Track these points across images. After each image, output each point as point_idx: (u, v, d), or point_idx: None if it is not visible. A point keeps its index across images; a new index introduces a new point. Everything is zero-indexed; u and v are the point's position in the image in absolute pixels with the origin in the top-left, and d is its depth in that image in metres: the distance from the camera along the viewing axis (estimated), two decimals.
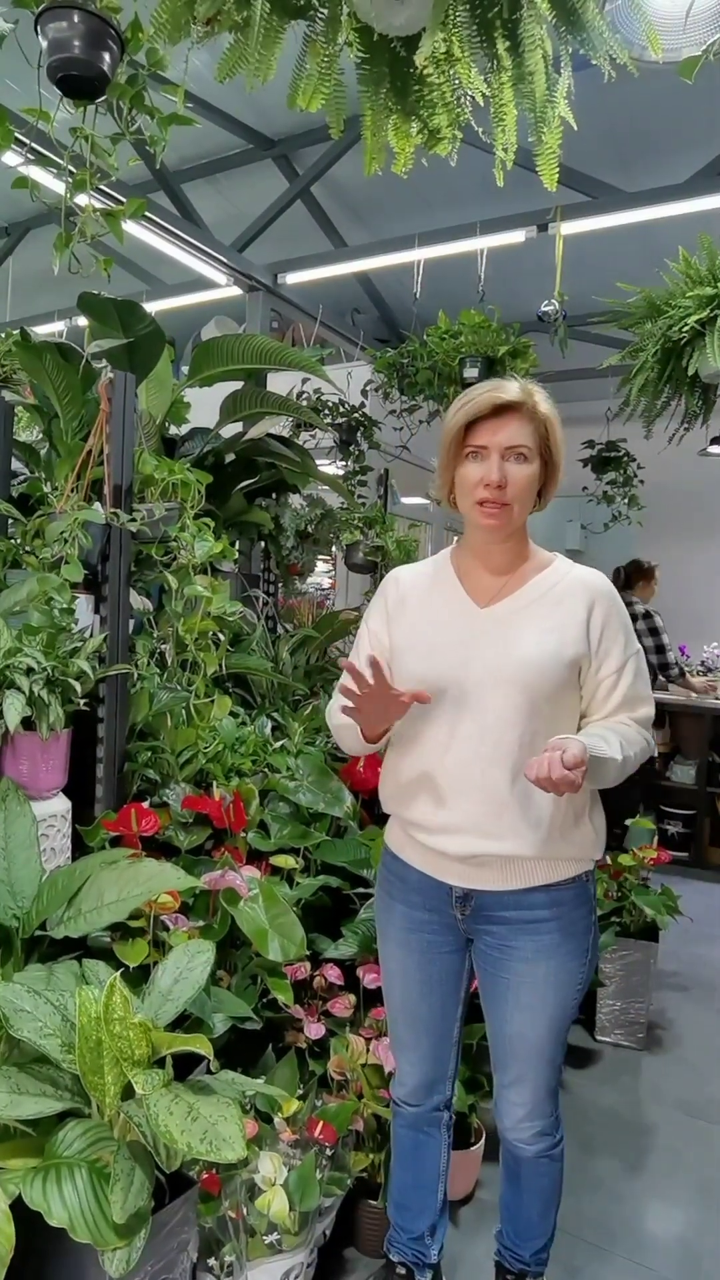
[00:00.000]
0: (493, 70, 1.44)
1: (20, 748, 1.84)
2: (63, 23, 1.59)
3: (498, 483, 1.39)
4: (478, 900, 1.48)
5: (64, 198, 1.90)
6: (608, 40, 1.36)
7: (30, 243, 5.23)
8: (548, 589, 1.47)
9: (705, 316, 2.57)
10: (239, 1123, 1.25)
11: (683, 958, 3.66)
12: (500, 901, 1.47)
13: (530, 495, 1.44)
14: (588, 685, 1.46)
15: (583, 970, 1.50)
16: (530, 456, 1.42)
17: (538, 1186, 1.63)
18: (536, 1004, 1.48)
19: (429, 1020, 1.61)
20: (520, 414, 1.41)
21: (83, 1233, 1.17)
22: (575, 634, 1.42)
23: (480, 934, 1.52)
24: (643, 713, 1.48)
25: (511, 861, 1.44)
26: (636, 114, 3.69)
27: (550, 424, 1.44)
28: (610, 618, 1.45)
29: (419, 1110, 1.68)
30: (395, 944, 1.61)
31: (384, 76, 1.49)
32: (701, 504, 6.33)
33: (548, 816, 1.41)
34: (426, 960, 1.57)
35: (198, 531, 2.38)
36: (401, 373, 3.61)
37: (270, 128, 4.22)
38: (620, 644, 1.45)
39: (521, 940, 1.47)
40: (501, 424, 1.40)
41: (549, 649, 1.41)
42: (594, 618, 1.44)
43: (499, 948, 1.49)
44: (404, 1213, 1.72)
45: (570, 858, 1.46)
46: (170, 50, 1.62)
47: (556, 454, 1.46)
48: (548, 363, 3.97)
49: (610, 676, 1.44)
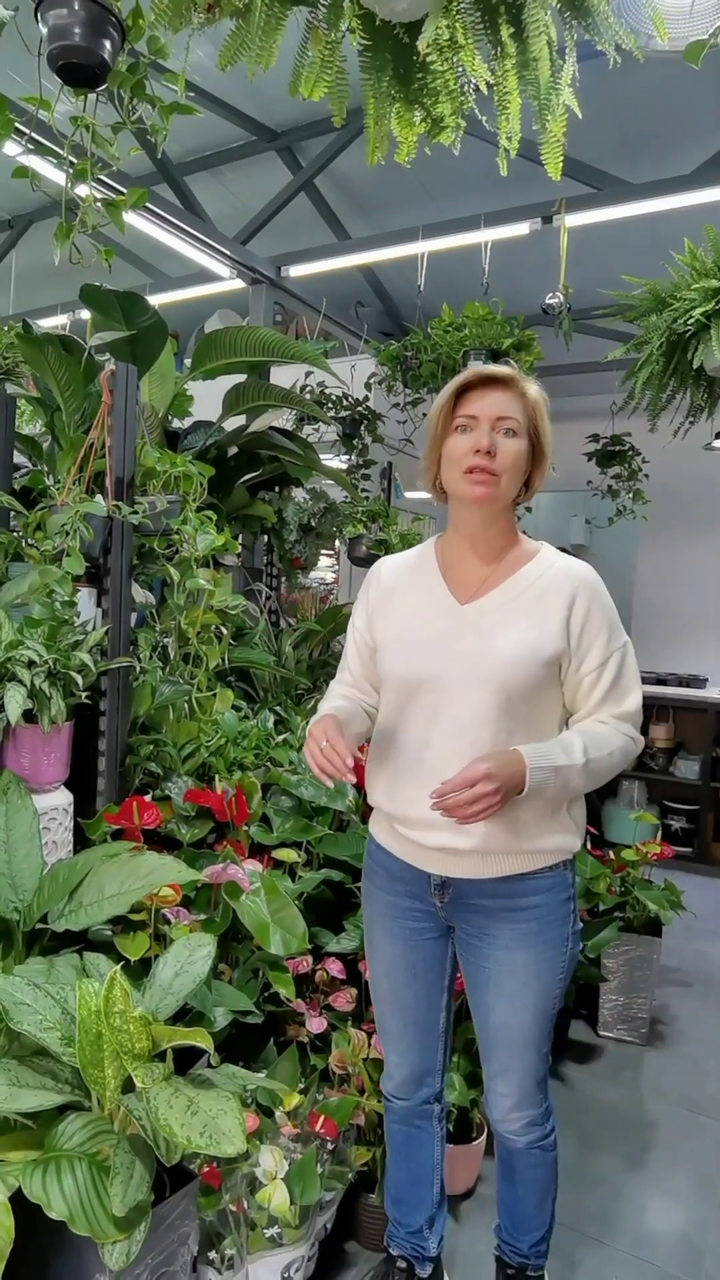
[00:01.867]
0: (497, 57, 1.43)
1: (22, 741, 1.84)
2: (63, 10, 1.57)
3: (487, 448, 1.36)
4: (456, 888, 1.49)
5: (65, 188, 1.89)
6: (613, 26, 1.35)
7: (33, 235, 5.22)
8: (530, 583, 1.44)
9: (711, 309, 2.55)
10: (239, 1117, 1.24)
11: (686, 953, 3.66)
12: (477, 889, 1.48)
13: (518, 472, 1.41)
14: (569, 682, 1.44)
15: (563, 959, 1.50)
16: (519, 432, 1.40)
17: (531, 1178, 1.63)
18: (517, 992, 1.48)
19: (414, 1009, 1.61)
20: (510, 389, 1.40)
21: (82, 1226, 1.17)
22: (554, 631, 1.40)
23: (460, 921, 1.53)
24: (628, 708, 1.44)
25: (486, 855, 1.45)
26: (642, 105, 3.66)
27: (538, 407, 1.42)
28: (592, 612, 1.41)
29: (409, 1104, 1.67)
30: (380, 932, 1.61)
31: (387, 64, 1.47)
32: (707, 498, 6.30)
33: (522, 813, 1.42)
34: (410, 947, 1.58)
35: (200, 525, 2.37)
36: (405, 366, 3.59)
37: (273, 119, 4.20)
38: (603, 639, 1.42)
39: (499, 928, 1.48)
40: (491, 394, 1.39)
41: (526, 647, 1.39)
42: (575, 613, 1.41)
43: (478, 935, 1.50)
44: (401, 1207, 1.72)
45: (544, 850, 1.45)
46: (171, 38, 1.61)
47: (544, 441, 1.43)
48: (552, 356, 3.96)
49: (592, 673, 1.42)
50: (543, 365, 3.59)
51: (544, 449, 1.44)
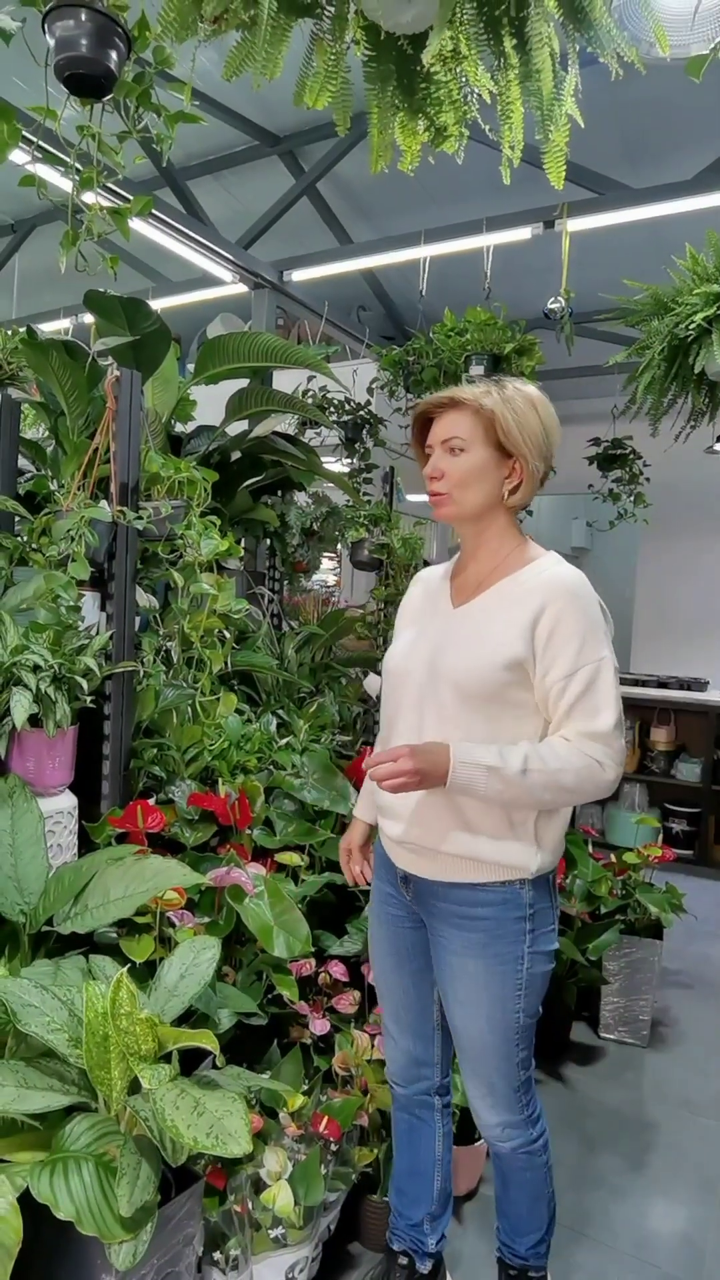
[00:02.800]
0: (500, 68, 1.44)
1: (27, 745, 1.85)
2: (70, 21, 1.59)
3: (430, 474, 1.48)
4: (415, 885, 1.55)
5: (71, 195, 1.90)
6: (615, 37, 1.36)
7: (36, 240, 5.23)
8: (513, 589, 1.46)
9: (712, 314, 2.56)
10: (244, 1117, 1.25)
11: (687, 955, 3.66)
12: (431, 890, 1.52)
13: (473, 484, 1.45)
14: (538, 690, 1.42)
15: (518, 977, 1.46)
16: (467, 447, 1.45)
17: (520, 1181, 1.63)
18: (469, 1000, 1.50)
19: (402, 994, 1.66)
20: (456, 409, 1.46)
21: (89, 1226, 1.18)
22: (516, 636, 1.39)
23: (425, 919, 1.58)
24: (597, 726, 1.37)
25: (437, 855, 1.48)
26: (643, 111, 3.67)
27: (498, 414, 1.42)
28: (562, 620, 1.38)
29: (408, 1092, 1.72)
30: (374, 916, 1.70)
31: (391, 74, 1.49)
32: (708, 501, 6.31)
33: (477, 819, 1.43)
34: (394, 933, 1.64)
35: (203, 529, 2.38)
36: (407, 370, 3.60)
37: (276, 124, 4.22)
38: (571, 649, 1.37)
39: (451, 933, 1.50)
40: (437, 421, 1.50)
41: (485, 650, 1.41)
42: (542, 621, 1.39)
43: (436, 936, 1.55)
44: (402, 1198, 1.74)
45: (494, 864, 1.43)
46: (177, 48, 1.63)
47: (513, 444, 1.43)
48: (554, 360, 3.97)
49: (558, 682, 1.38)
50: (545, 369, 3.59)
51: (520, 450, 1.44)
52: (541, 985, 1.52)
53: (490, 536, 1.51)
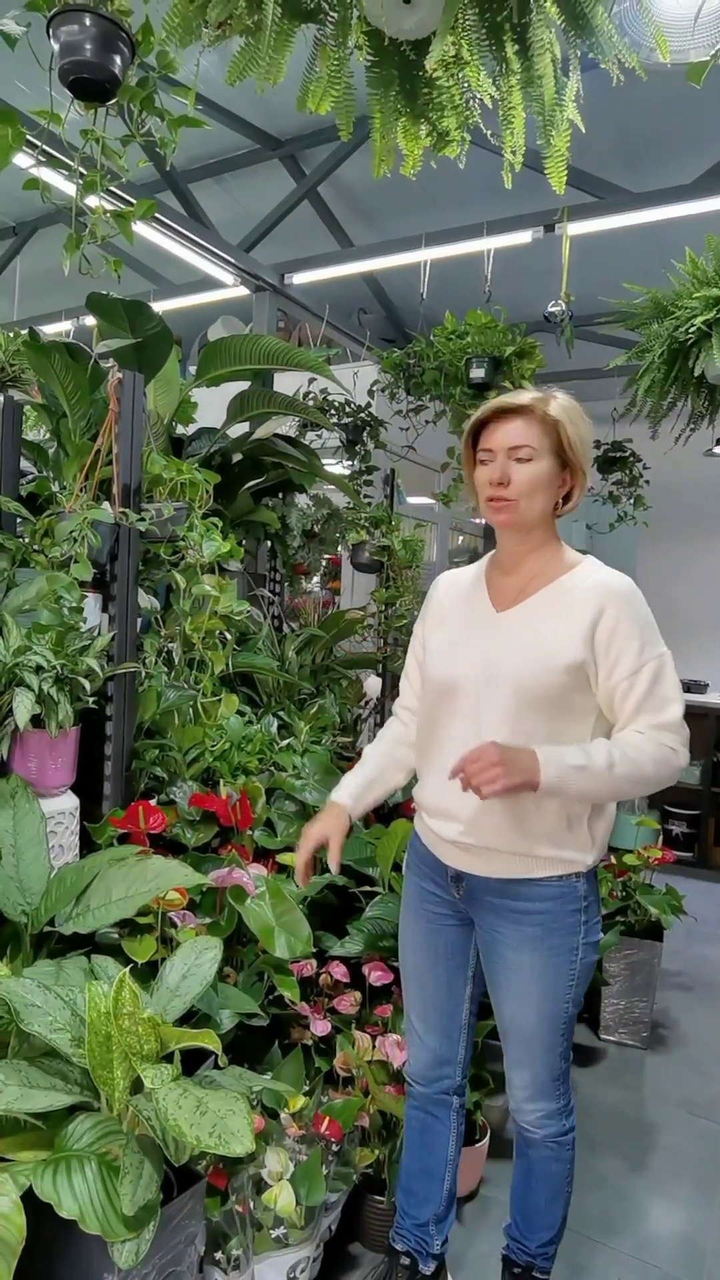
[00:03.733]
0: (502, 73, 1.45)
1: (29, 745, 1.85)
2: (74, 26, 1.60)
3: (498, 480, 1.46)
4: (469, 882, 1.56)
5: (74, 199, 1.91)
6: (616, 44, 1.37)
7: (38, 242, 5.24)
8: (563, 593, 1.48)
9: (712, 317, 2.57)
10: (247, 1117, 1.26)
11: (687, 957, 3.67)
12: (487, 887, 1.53)
13: (539, 493, 1.47)
14: (602, 691, 1.46)
15: (572, 968, 1.51)
16: (536, 456, 1.45)
17: (545, 1172, 1.65)
18: (523, 993, 1.53)
19: (435, 989, 1.67)
20: (524, 416, 1.46)
21: (92, 1224, 1.18)
22: (576, 639, 1.43)
23: (475, 916, 1.59)
24: (666, 717, 1.45)
25: (494, 853, 1.50)
26: (644, 115, 3.69)
27: (563, 425, 1.46)
28: (621, 621, 1.43)
29: (428, 1091, 1.72)
30: (410, 912, 1.70)
31: (393, 79, 1.50)
32: (707, 504, 6.33)
33: (532, 816, 1.46)
34: (433, 930, 1.65)
35: (205, 531, 2.39)
36: (408, 373, 3.61)
37: (278, 128, 4.23)
38: (634, 647, 1.43)
39: (506, 928, 1.52)
40: (502, 426, 1.47)
41: (544, 652, 1.44)
42: (602, 622, 1.43)
43: (490, 931, 1.56)
44: (410, 1198, 1.74)
45: (552, 859, 1.48)
46: (181, 53, 1.63)
47: (575, 455, 1.47)
48: (554, 363, 3.98)
49: (624, 680, 1.43)
50: (545, 372, 3.60)
51: (575, 462, 1.48)
52: (589, 975, 1.57)
53: (536, 544, 1.53)
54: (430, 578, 2.11)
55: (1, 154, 1.85)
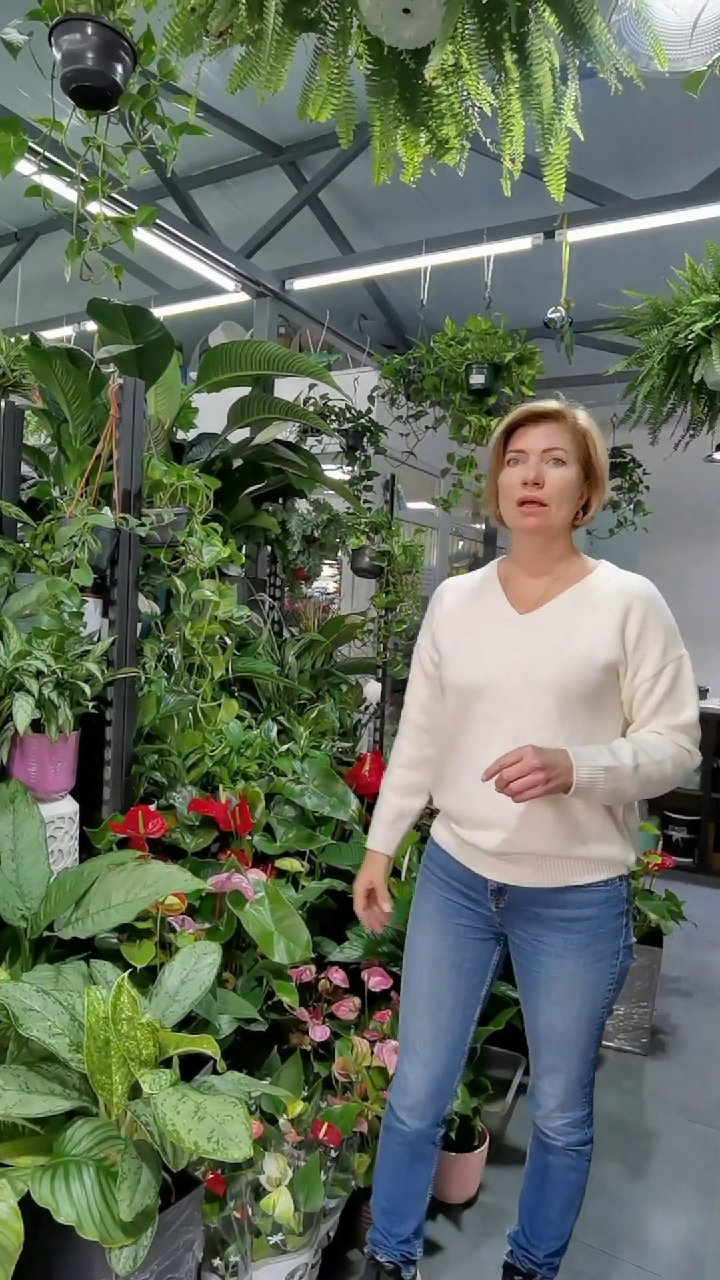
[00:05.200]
0: (501, 82, 1.46)
1: (29, 750, 1.86)
2: (76, 34, 1.60)
3: (534, 480, 1.45)
4: (511, 894, 1.52)
5: (76, 205, 1.92)
6: (614, 53, 1.38)
7: (39, 248, 5.26)
8: (587, 595, 1.50)
9: (711, 324, 2.58)
10: (245, 1122, 1.26)
11: (687, 963, 3.66)
12: (532, 898, 1.50)
13: (569, 499, 1.48)
14: (626, 690, 1.48)
15: (613, 971, 1.53)
16: (568, 461, 1.47)
17: (563, 1181, 1.63)
18: (565, 1000, 1.52)
19: (451, 1012, 1.61)
20: (558, 422, 1.48)
21: (90, 1230, 1.18)
22: (609, 638, 1.45)
23: (514, 928, 1.56)
24: (683, 719, 1.47)
25: (543, 860, 1.47)
26: (643, 122, 3.70)
27: (590, 436, 1.49)
28: (648, 622, 1.46)
29: (420, 1127, 1.63)
30: (431, 926, 1.63)
31: (393, 88, 1.50)
32: (707, 510, 6.34)
33: (580, 816, 1.45)
34: (460, 944, 1.60)
35: (205, 536, 2.39)
36: (408, 379, 3.62)
37: (278, 134, 4.25)
38: (658, 649, 1.45)
39: (552, 937, 1.51)
40: (538, 429, 1.48)
41: (581, 652, 1.44)
42: (630, 622, 1.45)
43: (531, 942, 1.53)
44: (392, 1217, 1.71)
45: (602, 860, 1.48)
46: (182, 61, 1.64)
47: (598, 466, 1.50)
48: (554, 369, 3.98)
49: (646, 681, 1.45)
50: (545, 378, 3.61)
51: (598, 474, 1.50)
52: (625, 978, 1.57)
53: (558, 549, 1.54)
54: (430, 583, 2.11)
55: (4, 160, 1.86)
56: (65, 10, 1.61)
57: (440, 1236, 1.99)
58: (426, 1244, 1.93)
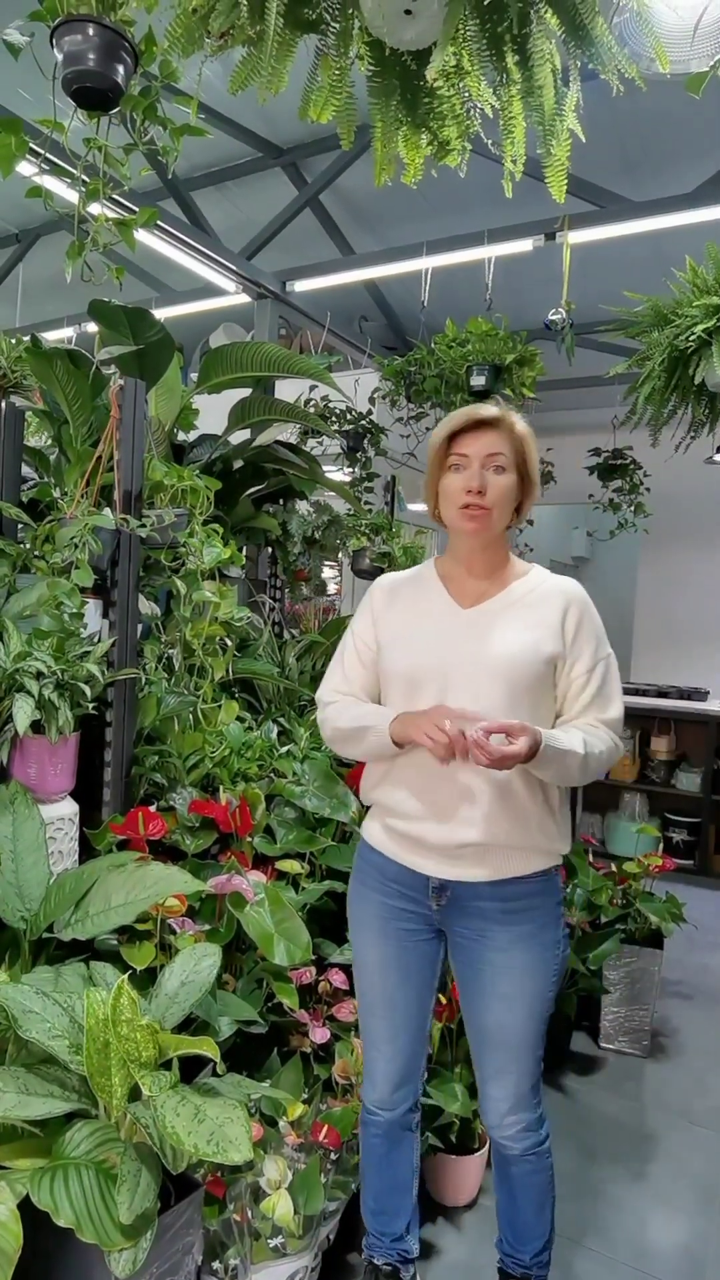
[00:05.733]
0: (502, 83, 1.46)
1: (29, 751, 1.85)
2: (78, 36, 1.61)
3: (478, 488, 1.49)
4: (454, 890, 1.54)
5: (77, 207, 1.92)
6: (616, 55, 1.38)
7: (40, 249, 5.27)
8: (526, 593, 1.56)
9: (712, 326, 2.58)
10: (245, 1125, 1.25)
11: (687, 965, 3.66)
12: (476, 892, 1.52)
13: (508, 504, 1.53)
14: (561, 684, 1.54)
15: (556, 962, 1.56)
16: (508, 467, 1.51)
17: (529, 1184, 1.63)
18: (514, 993, 1.53)
19: (406, 1009, 1.64)
20: (497, 428, 1.51)
21: (89, 1233, 1.18)
22: (552, 633, 1.51)
23: (456, 924, 1.57)
24: (612, 714, 1.54)
25: (488, 851, 1.50)
26: (644, 124, 3.71)
27: (526, 442, 1.54)
28: (583, 621, 1.53)
29: (393, 1116, 1.67)
30: (373, 933, 1.63)
31: (394, 89, 1.51)
32: (707, 511, 6.34)
33: (523, 807, 1.49)
34: (404, 949, 1.61)
35: (206, 537, 2.39)
36: (409, 380, 3.62)
37: (279, 136, 4.25)
38: (591, 646, 1.53)
39: (496, 930, 1.52)
40: (480, 436, 1.51)
41: (529, 644, 1.49)
42: (568, 619, 1.52)
43: (475, 938, 1.54)
44: (381, 1218, 1.72)
45: (542, 850, 1.53)
46: (183, 63, 1.64)
47: (532, 471, 1.55)
48: (555, 370, 3.99)
49: (581, 676, 1.52)
50: (545, 380, 3.62)
51: (532, 478, 1.56)
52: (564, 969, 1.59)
53: (495, 550, 1.58)
54: None
55: (5, 162, 1.86)
56: (67, 11, 1.61)
57: (441, 1239, 1.98)
58: (428, 1247, 1.93)
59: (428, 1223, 2.01)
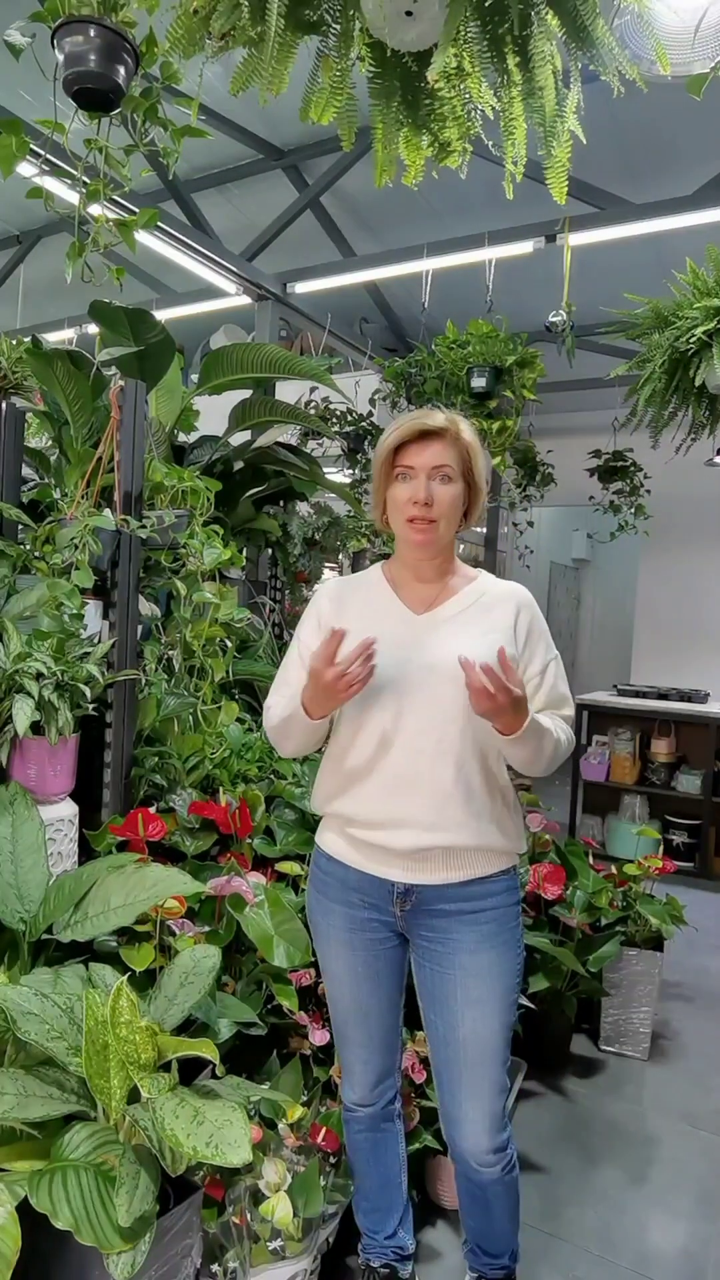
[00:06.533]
0: (503, 85, 1.46)
1: (29, 752, 1.85)
2: (79, 37, 1.61)
3: (424, 500, 1.49)
4: (419, 895, 1.53)
5: (77, 208, 1.92)
6: (616, 56, 1.38)
7: (41, 250, 5.27)
8: (477, 598, 1.58)
9: (712, 328, 2.59)
10: (244, 1127, 1.25)
11: (687, 968, 3.65)
12: (441, 895, 1.53)
13: (455, 513, 1.54)
14: None
15: (518, 960, 1.58)
16: (454, 477, 1.51)
17: (502, 1196, 1.61)
18: (485, 996, 1.52)
19: (379, 1014, 1.65)
20: (444, 439, 1.51)
21: (88, 1235, 1.17)
22: (505, 635, 1.53)
23: (420, 929, 1.56)
24: (568, 710, 1.60)
25: (453, 854, 1.51)
26: (644, 127, 3.71)
27: (472, 450, 1.54)
28: (533, 624, 1.58)
29: (374, 1109, 1.70)
30: (340, 945, 1.63)
31: (395, 90, 1.51)
32: (708, 513, 6.34)
33: (486, 808, 1.52)
34: (373, 956, 1.61)
35: (206, 538, 2.39)
36: (409, 382, 3.63)
37: (280, 138, 4.26)
38: (542, 647, 1.58)
39: (462, 931, 1.52)
40: (426, 447, 1.50)
41: (488, 646, 1.46)
42: (520, 622, 1.56)
43: (441, 941, 1.54)
44: (374, 1216, 1.72)
45: (503, 850, 1.55)
46: (184, 64, 1.64)
47: (478, 478, 1.56)
48: (555, 372, 3.99)
49: (536, 676, 1.56)
50: (546, 382, 3.62)
51: (478, 485, 1.57)
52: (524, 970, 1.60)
53: (444, 557, 1.59)
54: None
55: (5, 163, 1.86)
56: (68, 13, 1.61)
57: (440, 1242, 1.98)
58: (428, 1250, 1.92)
59: (427, 1226, 2.01)
